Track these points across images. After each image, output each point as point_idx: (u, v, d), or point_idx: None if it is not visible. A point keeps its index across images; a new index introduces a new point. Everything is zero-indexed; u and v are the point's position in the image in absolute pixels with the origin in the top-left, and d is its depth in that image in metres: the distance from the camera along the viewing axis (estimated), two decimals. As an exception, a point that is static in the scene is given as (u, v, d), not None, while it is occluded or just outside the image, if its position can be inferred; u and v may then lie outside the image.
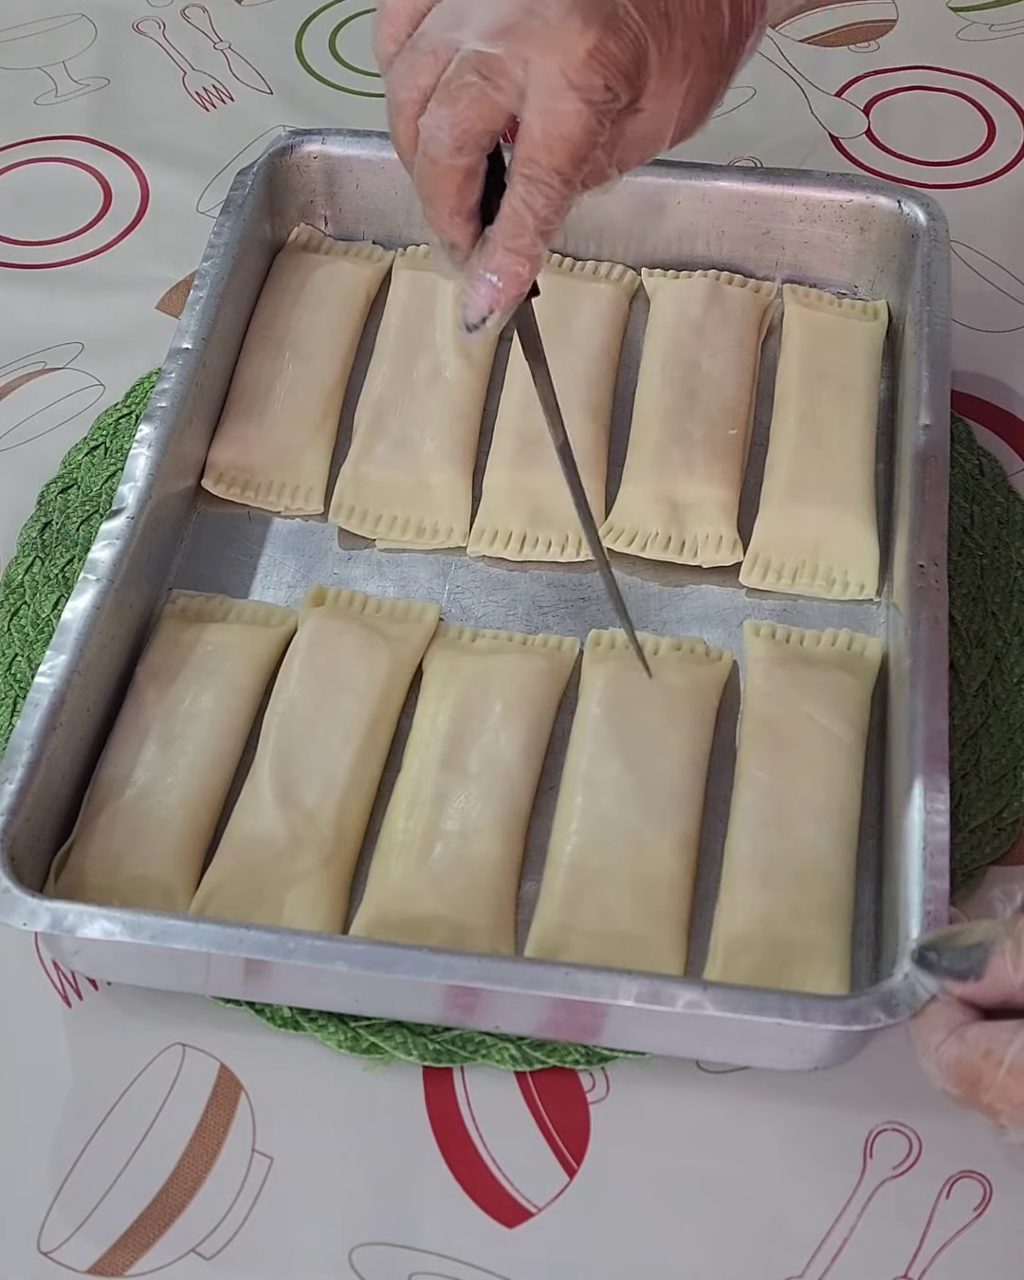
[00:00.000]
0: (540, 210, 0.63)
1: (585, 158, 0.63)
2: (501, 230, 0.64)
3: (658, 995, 0.66)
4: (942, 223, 0.93)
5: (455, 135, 0.62)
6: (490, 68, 0.61)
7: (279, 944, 0.68)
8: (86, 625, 0.77)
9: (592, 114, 0.62)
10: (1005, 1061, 0.59)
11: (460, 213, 0.64)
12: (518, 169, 0.63)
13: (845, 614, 0.86)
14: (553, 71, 0.61)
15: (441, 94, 0.62)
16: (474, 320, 0.66)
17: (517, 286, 0.65)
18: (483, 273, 0.65)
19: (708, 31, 0.66)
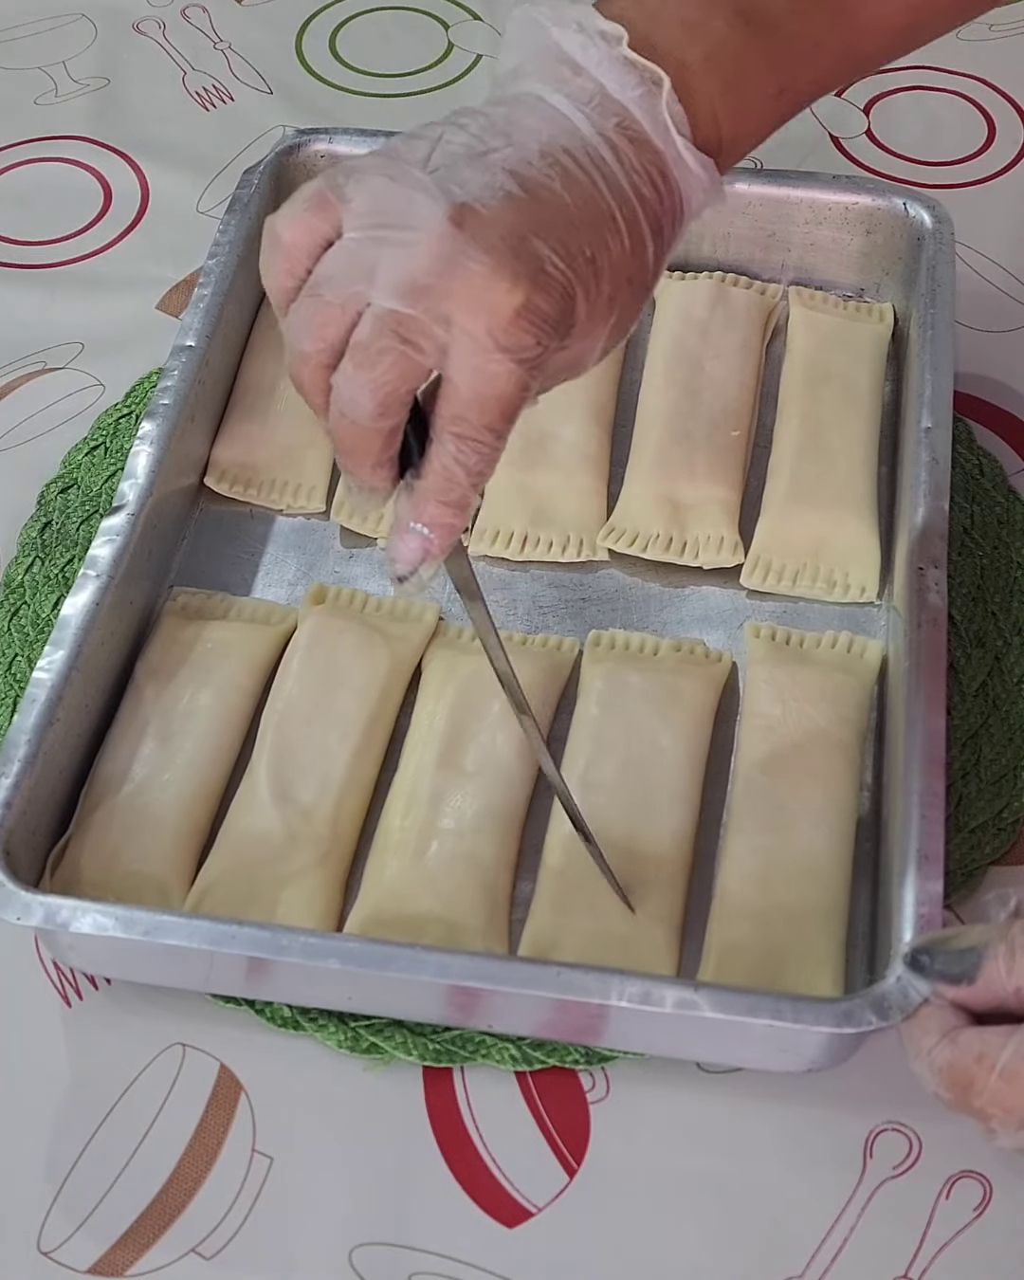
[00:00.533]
0: (474, 466, 0.61)
1: (517, 412, 0.61)
2: (431, 486, 0.61)
3: (649, 996, 0.66)
4: (947, 225, 0.93)
5: (378, 399, 0.59)
6: (410, 329, 0.58)
7: (272, 941, 0.68)
8: (85, 621, 0.77)
9: (523, 372, 0.59)
10: (998, 1066, 0.59)
11: (382, 465, 0.62)
12: (447, 427, 0.60)
13: (846, 616, 0.86)
14: (479, 332, 0.58)
15: (358, 356, 0.59)
16: (405, 573, 0.63)
17: (449, 537, 0.62)
18: (411, 524, 0.62)
19: (634, 271, 0.63)
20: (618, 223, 0.62)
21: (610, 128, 0.63)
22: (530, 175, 0.60)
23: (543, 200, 0.60)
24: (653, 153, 0.63)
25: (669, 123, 0.63)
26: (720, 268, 0.98)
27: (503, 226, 0.59)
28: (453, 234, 0.58)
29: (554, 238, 0.60)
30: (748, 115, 0.67)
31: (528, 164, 0.61)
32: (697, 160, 0.64)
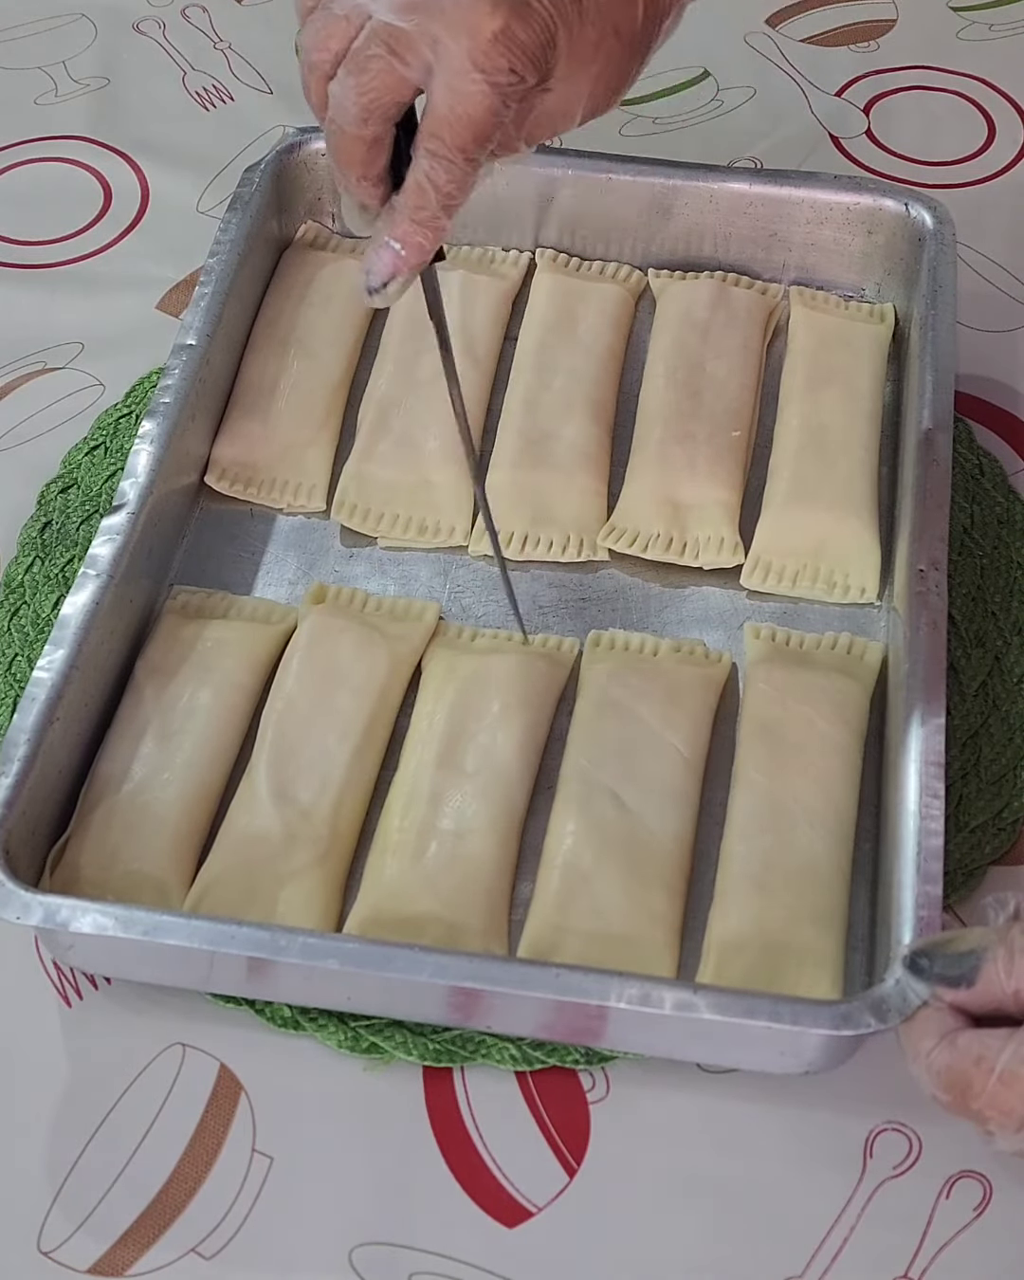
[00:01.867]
0: (443, 185, 0.64)
1: (489, 137, 0.63)
2: (406, 201, 0.65)
3: (648, 997, 0.66)
4: (948, 226, 0.93)
5: (362, 105, 0.63)
6: (399, 42, 0.62)
7: (271, 941, 0.68)
8: (85, 620, 0.77)
9: (496, 95, 0.62)
10: (996, 1069, 0.59)
11: (368, 177, 0.65)
12: (423, 143, 0.64)
13: (846, 617, 0.86)
14: (459, 52, 0.62)
15: (351, 63, 0.63)
16: (375, 284, 0.67)
17: (419, 255, 0.66)
18: (387, 239, 0.66)
19: (621, 21, 0.66)
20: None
21: None
22: None
23: None
24: None
25: None
26: (721, 267, 0.98)
27: None
28: None
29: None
30: None
31: None
32: None
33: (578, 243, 0.99)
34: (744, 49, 1.18)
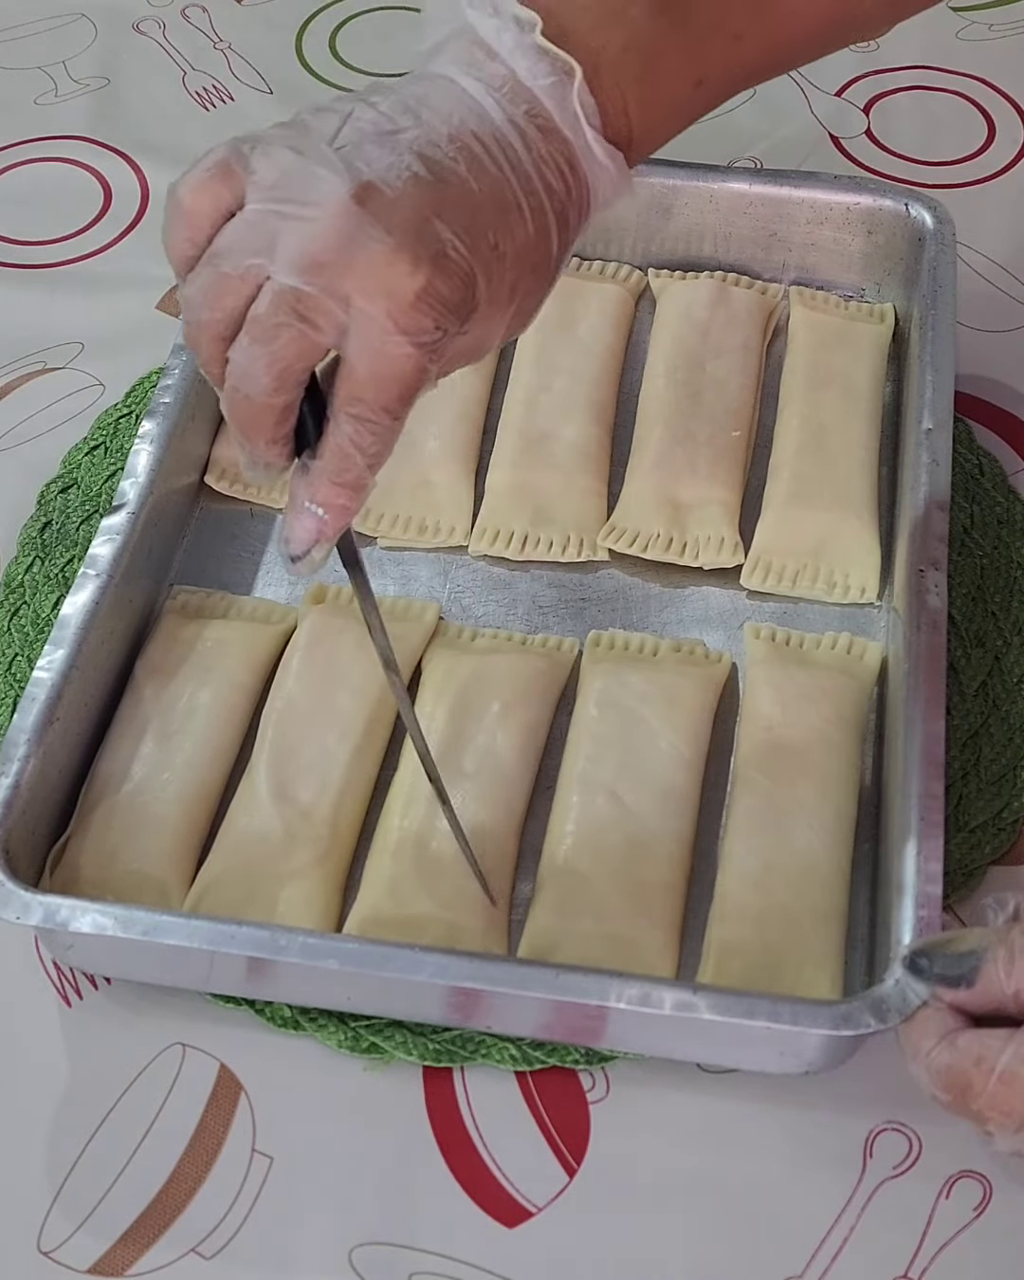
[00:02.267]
0: (369, 447, 0.61)
1: (416, 394, 0.61)
2: (328, 467, 0.61)
3: (647, 998, 0.66)
4: (948, 226, 0.93)
5: (273, 375, 0.59)
6: (308, 307, 0.58)
7: (271, 941, 0.68)
8: (85, 620, 0.77)
9: (422, 355, 0.59)
10: (997, 1069, 0.59)
11: (276, 441, 0.61)
12: (344, 408, 0.60)
13: (846, 617, 0.86)
14: (378, 314, 0.58)
15: (255, 330, 0.59)
16: (298, 552, 0.63)
17: (343, 518, 0.62)
18: (307, 504, 0.62)
19: (537, 260, 0.64)
20: (523, 210, 0.62)
21: (520, 115, 0.62)
22: (437, 158, 0.60)
23: (448, 183, 0.60)
24: (561, 142, 0.63)
25: (579, 113, 0.63)
26: (721, 267, 0.98)
27: (406, 207, 0.59)
28: (355, 212, 0.58)
29: (458, 222, 0.60)
30: (662, 107, 0.67)
31: (436, 146, 0.60)
32: (605, 152, 0.64)
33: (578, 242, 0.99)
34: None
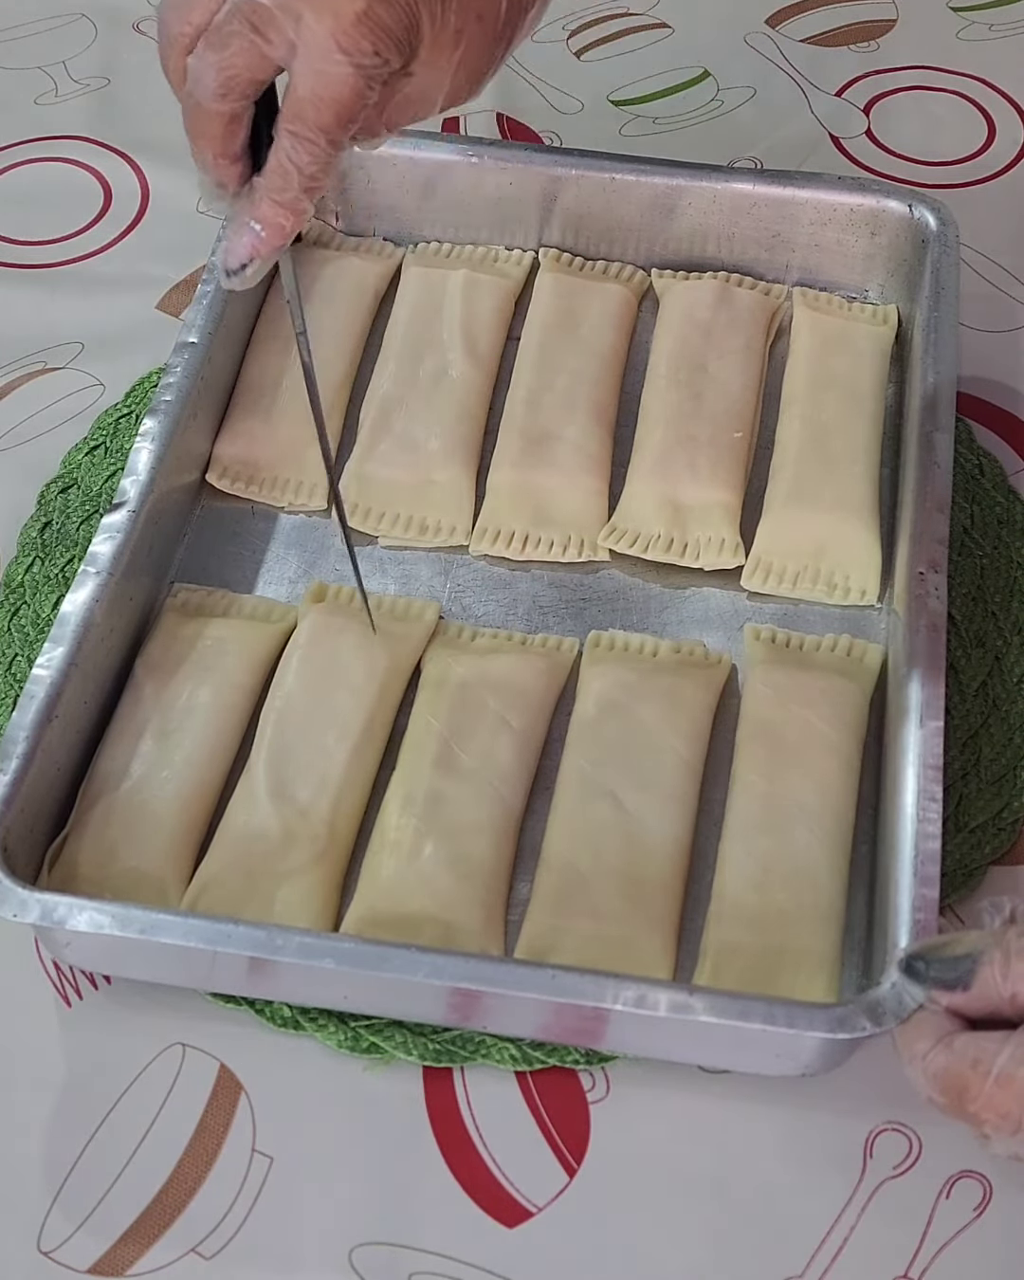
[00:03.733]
0: (306, 167, 0.63)
1: (352, 119, 0.63)
2: (267, 183, 0.64)
3: (644, 999, 0.66)
4: (952, 228, 0.93)
5: (220, 81, 0.62)
6: (261, 19, 0.61)
7: (267, 940, 0.68)
8: (85, 618, 0.77)
9: (360, 77, 0.62)
10: (993, 1072, 0.59)
11: (225, 155, 0.64)
12: (284, 124, 0.63)
13: (846, 619, 0.86)
14: (323, 32, 0.61)
15: (211, 37, 0.62)
16: (234, 266, 0.66)
17: (279, 237, 0.65)
18: (247, 220, 0.65)
19: (484, 8, 0.66)
20: None
21: None
22: None
23: None
24: None
25: None
26: (725, 268, 0.98)
27: None
28: None
29: None
30: None
31: None
32: None
33: (581, 242, 0.99)
34: (744, 49, 1.18)
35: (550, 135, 1.12)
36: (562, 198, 0.97)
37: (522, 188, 0.96)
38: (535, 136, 1.12)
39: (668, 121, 1.13)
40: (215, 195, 0.67)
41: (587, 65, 1.17)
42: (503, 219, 0.98)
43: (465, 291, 0.95)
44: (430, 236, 1.00)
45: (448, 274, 0.96)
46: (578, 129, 1.12)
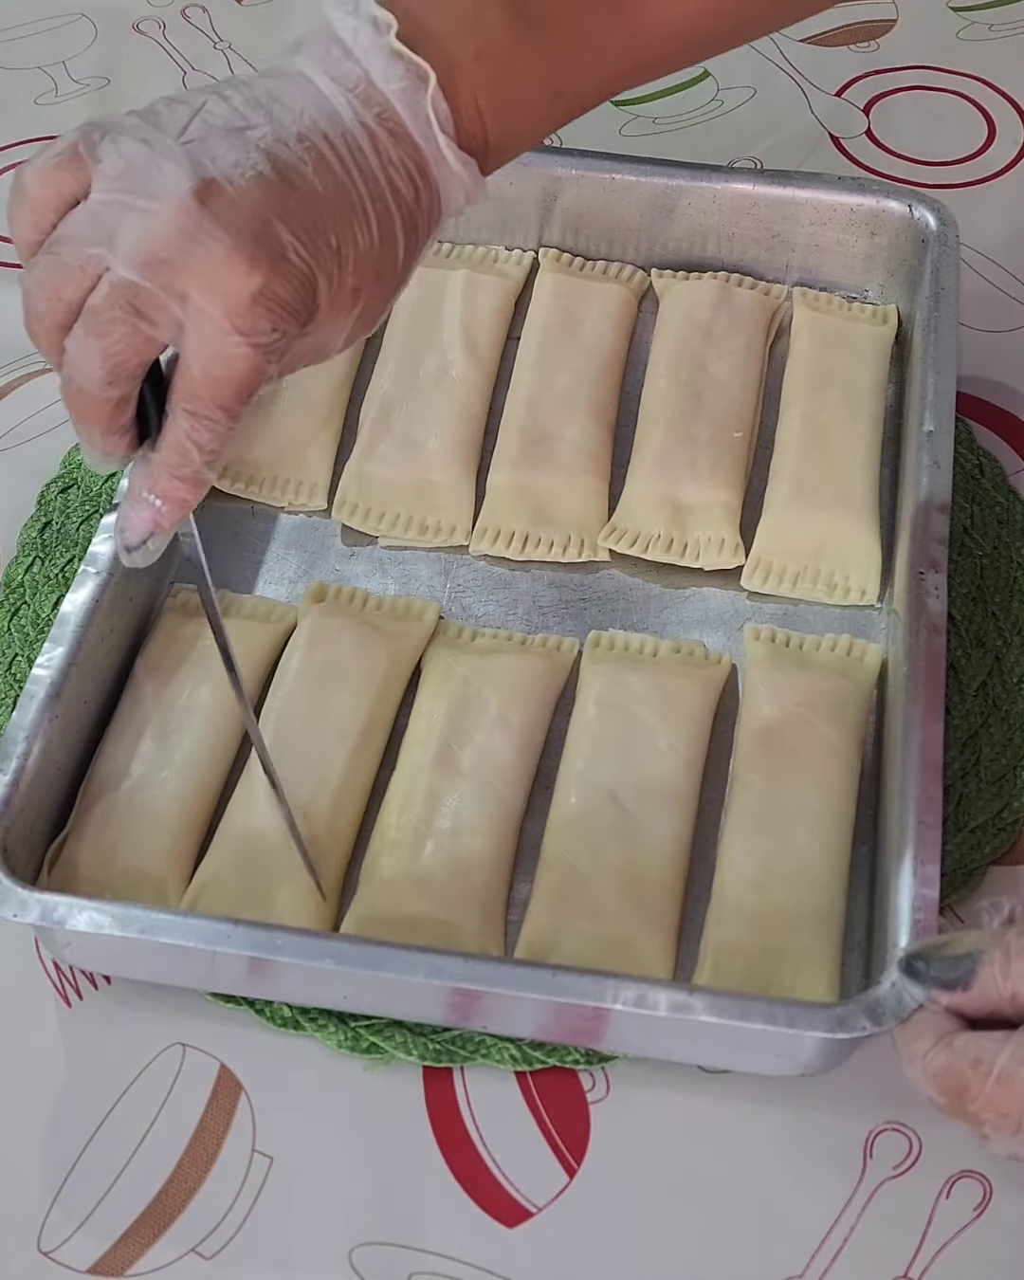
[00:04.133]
0: (206, 444, 0.61)
1: (252, 393, 0.61)
2: (166, 459, 0.62)
3: (644, 999, 0.66)
4: (952, 228, 0.92)
5: (107, 369, 0.59)
6: (144, 302, 0.58)
7: (267, 940, 0.68)
8: (85, 618, 0.77)
9: (258, 355, 0.59)
10: (994, 1071, 0.59)
11: (113, 433, 0.62)
12: (181, 403, 0.60)
13: (847, 619, 0.86)
14: (215, 313, 0.58)
15: (90, 323, 0.59)
16: (134, 542, 0.64)
17: (180, 511, 0.63)
18: (145, 495, 0.62)
19: (382, 266, 0.63)
20: (368, 215, 0.62)
21: (371, 118, 0.62)
22: (284, 157, 0.60)
23: (293, 185, 0.60)
24: (412, 148, 0.63)
25: (432, 119, 0.63)
26: (725, 268, 0.98)
27: (248, 207, 0.59)
28: (195, 209, 0.58)
29: (299, 224, 0.60)
30: (519, 115, 0.66)
31: (284, 145, 0.60)
32: (458, 159, 0.64)
33: (581, 242, 0.99)
34: (744, 49, 1.17)
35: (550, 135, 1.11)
36: (562, 198, 0.97)
37: (522, 187, 0.96)
38: (535, 136, 1.12)
39: (668, 121, 1.13)
40: (101, 464, 0.64)
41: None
42: (503, 219, 0.98)
43: (466, 291, 0.95)
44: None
45: (448, 274, 0.96)
46: (577, 129, 1.10)
